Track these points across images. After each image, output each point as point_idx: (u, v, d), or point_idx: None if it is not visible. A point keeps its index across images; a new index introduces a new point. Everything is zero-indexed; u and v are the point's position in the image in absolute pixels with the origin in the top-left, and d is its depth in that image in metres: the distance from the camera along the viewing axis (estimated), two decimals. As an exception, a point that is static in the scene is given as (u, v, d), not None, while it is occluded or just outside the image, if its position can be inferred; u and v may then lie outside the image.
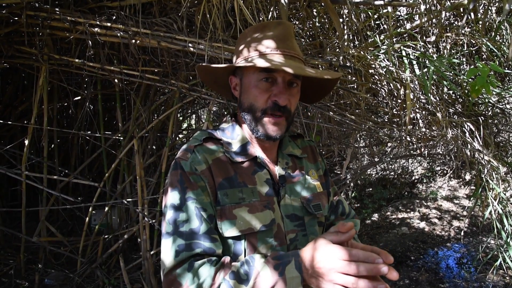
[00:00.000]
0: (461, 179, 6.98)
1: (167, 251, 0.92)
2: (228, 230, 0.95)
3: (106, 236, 3.19)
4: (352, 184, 6.23)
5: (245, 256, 0.96)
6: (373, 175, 7.12)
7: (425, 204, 6.00)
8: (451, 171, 6.62)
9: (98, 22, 2.19)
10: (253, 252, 0.97)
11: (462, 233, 4.89)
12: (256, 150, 1.09)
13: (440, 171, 7.31)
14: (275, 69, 0.96)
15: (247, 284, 0.84)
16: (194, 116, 5.15)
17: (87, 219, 3.05)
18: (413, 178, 7.24)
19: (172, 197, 0.96)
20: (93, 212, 3.25)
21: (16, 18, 2.26)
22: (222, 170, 1.01)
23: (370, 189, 6.70)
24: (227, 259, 0.92)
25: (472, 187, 6.53)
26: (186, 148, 1.03)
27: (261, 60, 0.97)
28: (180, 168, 0.98)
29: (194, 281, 0.86)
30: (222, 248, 0.94)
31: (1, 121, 3.17)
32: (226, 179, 1.00)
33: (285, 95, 1.00)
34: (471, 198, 6.00)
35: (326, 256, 0.80)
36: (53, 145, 3.69)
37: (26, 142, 2.77)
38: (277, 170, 1.10)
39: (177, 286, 0.87)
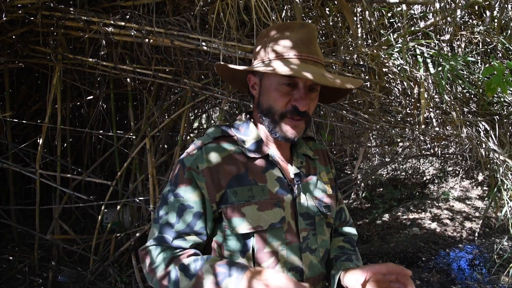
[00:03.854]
0: (473, 180, 6.90)
1: (149, 235, 1.04)
2: (237, 228, 0.97)
3: (118, 234, 3.21)
4: (363, 184, 6.20)
5: (252, 254, 0.98)
6: (384, 175, 7.08)
7: (437, 204, 5.95)
8: (463, 172, 6.55)
9: (112, 22, 2.21)
10: (263, 249, 0.99)
11: (476, 234, 4.83)
12: (269, 148, 1.09)
13: (452, 172, 7.24)
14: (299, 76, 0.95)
15: (190, 280, 0.91)
16: (205, 115, 5.17)
17: (99, 217, 3.07)
18: (425, 178, 7.18)
19: (166, 188, 1.04)
20: (105, 210, 3.28)
21: (32, 18, 2.29)
22: (232, 168, 1.01)
23: (381, 189, 6.67)
24: (189, 251, 0.98)
25: (485, 188, 6.45)
26: (196, 144, 1.05)
27: (285, 68, 0.95)
28: (181, 163, 1.03)
29: (154, 260, 0.97)
30: (192, 245, 1.00)
31: (16, 120, 3.21)
32: (235, 177, 1.00)
33: (306, 100, 0.99)
34: (486, 199, 5.93)
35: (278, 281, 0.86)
36: (65, 144, 3.73)
37: (40, 141, 2.80)
38: (292, 169, 1.10)
39: (146, 259, 1.00)
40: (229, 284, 0.88)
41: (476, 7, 2.55)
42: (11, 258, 3.25)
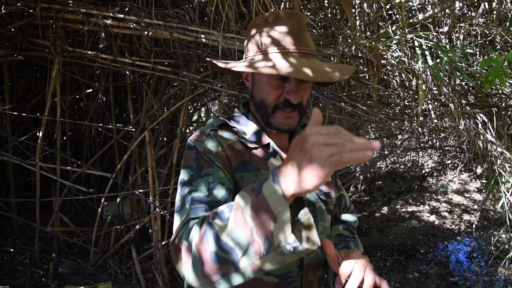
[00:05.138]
0: (472, 173, 6.93)
1: (176, 223, 0.89)
2: None
3: (118, 227, 3.23)
4: (361, 177, 6.22)
5: None
6: (383, 168, 7.10)
7: (435, 197, 5.98)
8: (462, 165, 6.57)
9: (111, 14, 2.21)
10: None
11: (474, 227, 4.86)
12: (268, 137, 1.09)
13: (450, 165, 7.26)
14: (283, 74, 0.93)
15: (227, 220, 0.73)
16: (204, 108, 5.18)
17: (99, 210, 3.09)
18: (423, 171, 7.21)
19: (184, 174, 0.97)
20: (105, 203, 3.30)
21: (31, 11, 2.29)
22: (237, 155, 1.02)
23: (380, 182, 6.69)
24: None
25: (483, 181, 6.48)
26: (201, 131, 1.04)
27: (270, 63, 0.95)
28: (195, 148, 0.99)
29: (188, 236, 0.80)
30: None
31: (15, 113, 3.22)
32: (241, 163, 1.01)
33: (298, 93, 1.00)
34: (483, 191, 5.96)
35: (305, 139, 0.64)
36: (65, 137, 3.73)
37: (40, 134, 2.81)
38: None
39: (179, 247, 0.81)
40: (269, 186, 0.68)
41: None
42: (12, 250, 3.27)
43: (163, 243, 2.98)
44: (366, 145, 0.60)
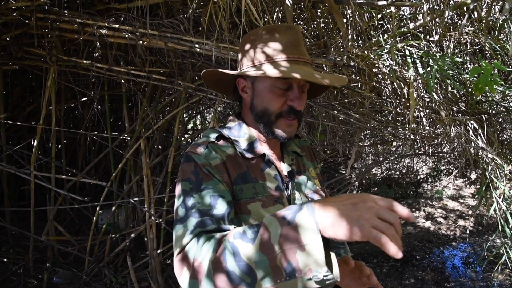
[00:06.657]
0: (466, 178, 6.97)
1: (180, 235, 0.87)
2: (242, 224, 0.97)
3: (113, 235, 3.22)
4: (357, 184, 6.24)
5: None
6: (378, 175, 7.13)
7: (431, 203, 6.00)
8: (457, 170, 6.61)
9: (106, 24, 2.23)
10: None
11: (467, 232, 4.89)
12: (263, 147, 1.11)
13: (445, 171, 7.30)
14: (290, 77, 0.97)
15: (253, 242, 0.73)
16: (199, 116, 5.19)
17: (94, 218, 3.09)
18: (418, 177, 7.24)
19: (183, 187, 0.95)
20: (100, 211, 3.29)
21: (27, 21, 2.31)
22: (236, 166, 1.03)
23: (375, 188, 6.71)
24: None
25: (478, 186, 6.52)
26: (199, 144, 1.04)
27: (275, 70, 0.97)
28: (194, 160, 0.98)
29: (200, 252, 0.79)
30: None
31: (10, 122, 3.22)
32: (240, 175, 1.02)
33: (301, 100, 1.02)
34: (475, 196, 6.00)
35: (364, 200, 0.71)
36: (60, 146, 3.73)
37: (35, 142, 2.81)
38: (284, 166, 1.13)
39: (187, 261, 0.81)
40: (303, 217, 0.70)
41: (465, 8, 2.59)
42: (5, 260, 3.25)
43: (159, 251, 2.98)
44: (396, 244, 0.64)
